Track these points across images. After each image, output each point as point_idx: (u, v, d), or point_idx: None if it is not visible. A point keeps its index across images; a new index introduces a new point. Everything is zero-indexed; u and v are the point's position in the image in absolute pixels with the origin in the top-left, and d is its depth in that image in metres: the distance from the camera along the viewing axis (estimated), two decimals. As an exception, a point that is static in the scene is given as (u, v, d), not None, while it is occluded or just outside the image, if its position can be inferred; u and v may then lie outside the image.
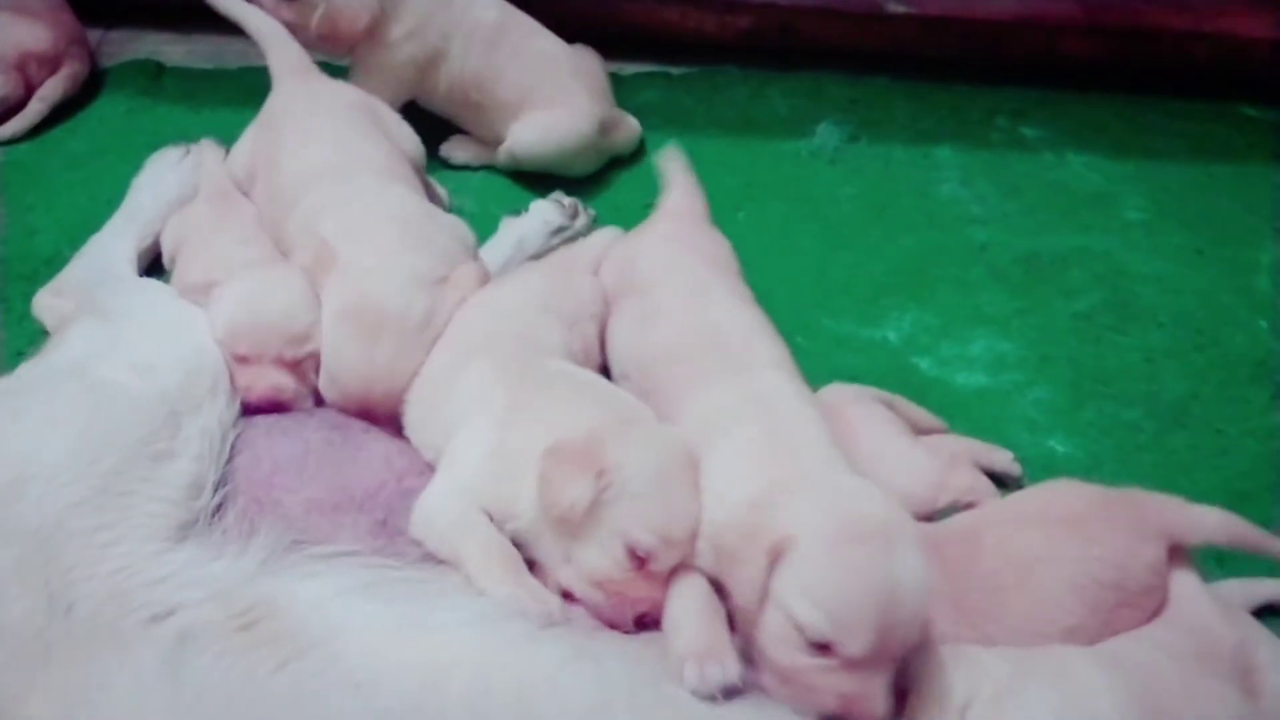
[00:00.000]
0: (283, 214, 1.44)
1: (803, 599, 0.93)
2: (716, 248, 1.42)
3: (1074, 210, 1.87)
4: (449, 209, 1.74)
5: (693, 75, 2.07)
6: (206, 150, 1.63)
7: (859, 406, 1.35)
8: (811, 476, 1.03)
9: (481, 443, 1.11)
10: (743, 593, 0.97)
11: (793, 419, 1.11)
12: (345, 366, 1.23)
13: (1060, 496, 1.20)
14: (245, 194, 1.58)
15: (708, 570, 1.05)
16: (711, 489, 1.05)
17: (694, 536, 1.04)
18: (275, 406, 1.22)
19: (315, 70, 1.67)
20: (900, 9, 2.05)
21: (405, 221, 1.36)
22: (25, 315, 1.50)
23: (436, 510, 1.09)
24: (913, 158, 1.95)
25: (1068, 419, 1.52)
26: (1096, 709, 0.99)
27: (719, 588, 1.04)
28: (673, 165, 1.54)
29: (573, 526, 1.02)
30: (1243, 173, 1.98)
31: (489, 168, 1.82)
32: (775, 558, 0.94)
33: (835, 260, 1.74)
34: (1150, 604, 1.14)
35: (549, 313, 1.29)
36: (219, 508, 1.07)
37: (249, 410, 1.20)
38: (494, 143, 1.79)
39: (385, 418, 1.24)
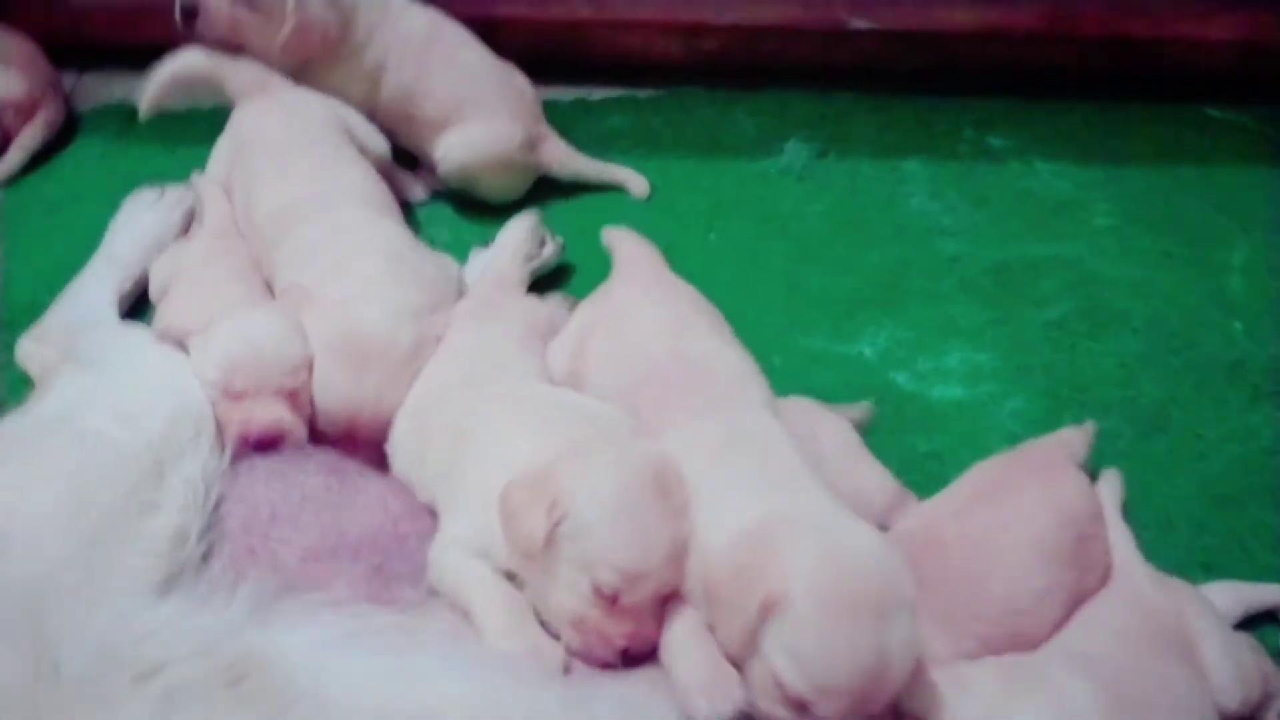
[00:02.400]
0: (266, 248, 1.47)
1: (788, 659, 0.93)
2: (685, 290, 1.39)
3: (1043, 218, 1.88)
4: (423, 202, 1.81)
5: (660, 98, 2.07)
6: (206, 188, 1.63)
7: (820, 412, 1.37)
8: (806, 517, 1.01)
9: (473, 485, 1.10)
10: (730, 637, 0.97)
11: (780, 457, 1.10)
12: (333, 395, 1.25)
13: (981, 472, 1.27)
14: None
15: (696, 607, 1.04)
16: (701, 524, 1.03)
17: (670, 564, 1.00)
18: (275, 440, 1.21)
19: (278, 79, 1.67)
20: (863, 25, 2.06)
21: (392, 254, 1.38)
22: (6, 363, 1.50)
23: (439, 562, 1.09)
24: (880, 172, 1.96)
25: (1046, 428, 1.48)
26: (1083, 715, 1.02)
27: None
28: (615, 238, 1.46)
29: (539, 563, 1.00)
30: (1210, 175, 2.00)
31: (459, 198, 1.82)
32: (767, 612, 0.94)
33: (807, 277, 1.75)
34: (1102, 530, 1.22)
35: (526, 348, 1.31)
36: (205, 556, 1.08)
37: (250, 446, 1.19)
38: (428, 161, 1.79)
39: (369, 443, 1.26)
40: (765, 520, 0.99)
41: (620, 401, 1.19)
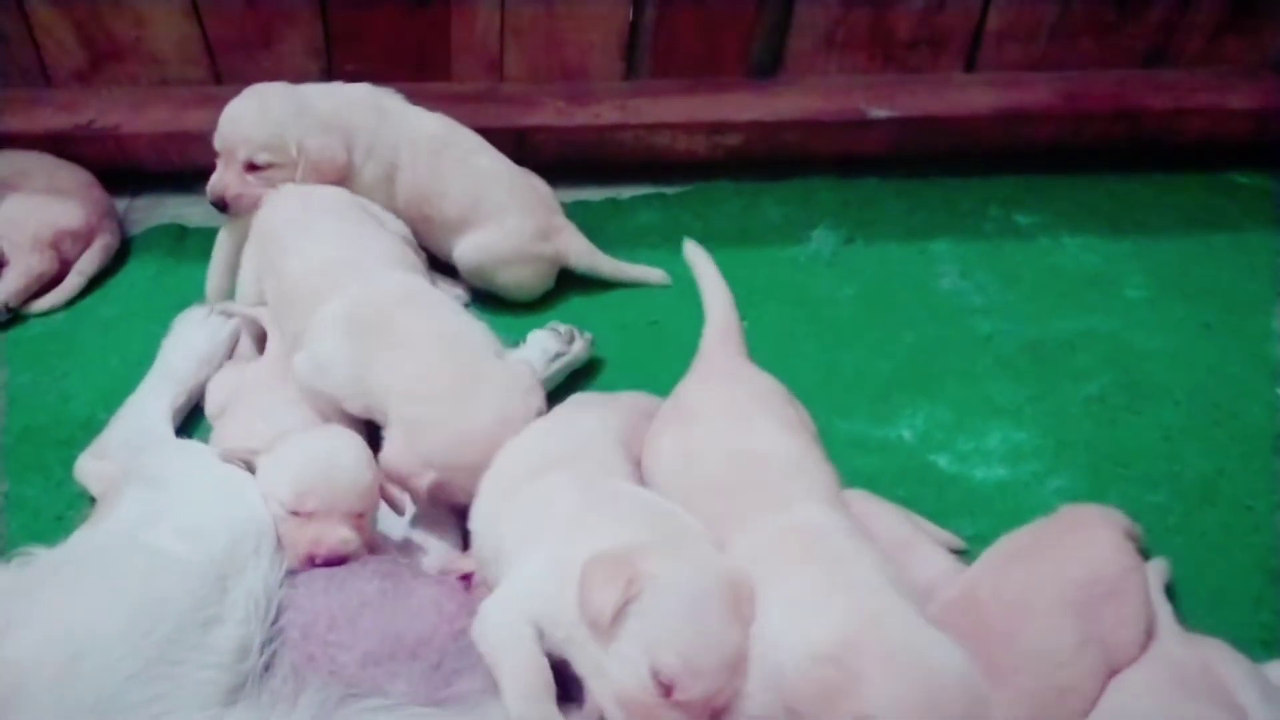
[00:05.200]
0: (299, 314, 1.50)
1: None
2: (757, 382, 1.42)
3: (1075, 293, 1.89)
4: (465, 304, 1.82)
5: (687, 193, 2.12)
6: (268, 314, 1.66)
7: (874, 504, 1.39)
8: (889, 632, 1.01)
9: (544, 553, 1.13)
10: None
11: (850, 557, 1.10)
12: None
13: (1015, 536, 1.30)
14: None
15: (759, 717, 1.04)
16: (772, 632, 1.04)
17: (727, 671, 1.02)
18: (339, 560, 1.23)
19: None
20: (883, 114, 2.11)
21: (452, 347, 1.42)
22: (64, 480, 1.53)
23: (490, 619, 1.11)
24: (909, 254, 1.98)
25: (1091, 505, 1.51)
26: None
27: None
28: (711, 296, 1.59)
29: (604, 635, 1.03)
30: (1241, 241, 2.01)
31: (494, 300, 1.86)
32: None
33: (842, 362, 1.76)
34: (1133, 586, 1.22)
35: (622, 447, 1.34)
36: (266, 667, 1.09)
37: (312, 565, 1.21)
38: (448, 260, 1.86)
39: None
40: (847, 635, 1.00)
41: (685, 503, 1.20)
